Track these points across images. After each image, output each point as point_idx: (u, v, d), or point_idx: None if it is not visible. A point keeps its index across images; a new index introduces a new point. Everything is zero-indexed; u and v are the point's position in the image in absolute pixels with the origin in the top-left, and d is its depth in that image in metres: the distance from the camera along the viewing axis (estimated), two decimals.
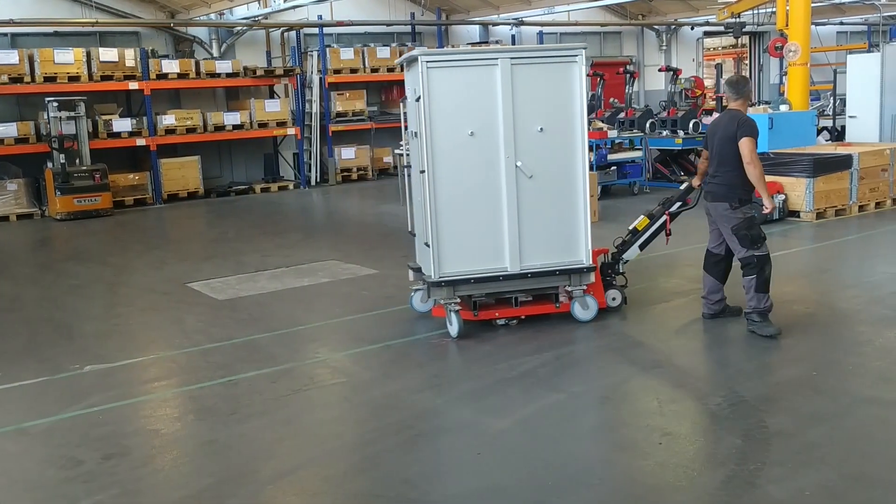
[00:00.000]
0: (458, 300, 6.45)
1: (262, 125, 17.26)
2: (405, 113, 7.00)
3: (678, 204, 7.06)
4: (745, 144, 6.14)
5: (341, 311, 7.67)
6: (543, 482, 4.16)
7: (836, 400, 5.04)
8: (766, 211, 6.22)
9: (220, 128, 16.78)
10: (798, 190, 11.03)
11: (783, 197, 11.03)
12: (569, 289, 6.62)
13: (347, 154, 18.66)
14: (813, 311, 7.00)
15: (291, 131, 17.74)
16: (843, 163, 11.31)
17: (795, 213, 11.11)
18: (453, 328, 6.45)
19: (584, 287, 6.63)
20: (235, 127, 16.93)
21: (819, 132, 15.64)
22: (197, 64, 16.63)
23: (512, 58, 6.34)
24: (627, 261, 7.19)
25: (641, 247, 7.20)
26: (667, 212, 7.06)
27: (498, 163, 6.38)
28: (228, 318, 7.58)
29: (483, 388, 5.51)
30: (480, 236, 6.44)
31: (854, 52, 18.61)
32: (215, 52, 18.12)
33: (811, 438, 4.51)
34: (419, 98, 6.26)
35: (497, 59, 6.33)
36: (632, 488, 4.11)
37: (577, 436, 4.70)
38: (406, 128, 6.97)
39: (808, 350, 6.00)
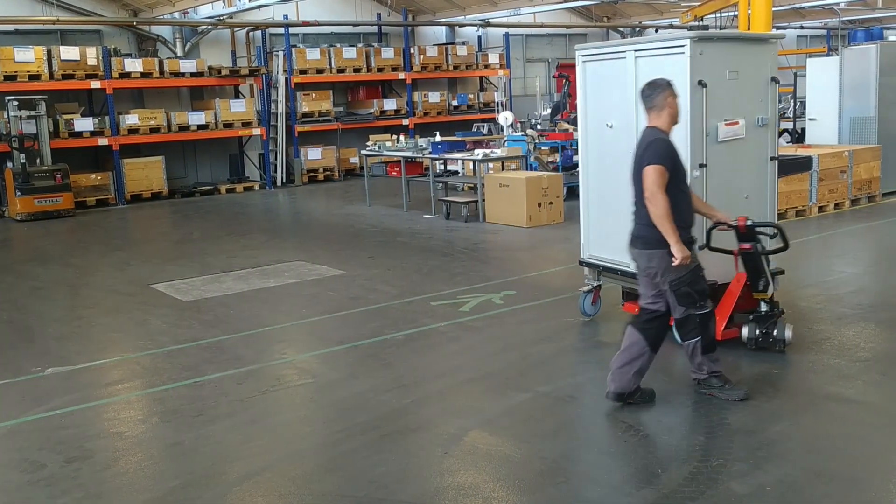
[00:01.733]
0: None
1: (228, 125, 17.14)
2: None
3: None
4: (646, 174, 4.77)
5: (308, 311, 7.64)
6: (510, 481, 4.19)
7: (796, 397, 5.13)
8: (675, 263, 4.79)
9: (184, 128, 16.63)
10: None
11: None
12: None
13: (314, 154, 18.60)
14: None
15: (257, 132, 17.64)
16: (804, 164, 11.50)
17: None
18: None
19: None
20: (200, 127, 16.78)
21: (780, 134, 15.88)
22: (161, 63, 16.46)
23: (636, 50, 6.20)
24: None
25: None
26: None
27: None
28: (193, 319, 7.52)
29: (449, 387, 5.53)
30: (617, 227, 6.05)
31: (814, 55, 18.92)
32: (179, 52, 17.95)
33: (772, 435, 4.59)
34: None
35: (624, 52, 6.25)
36: (598, 484, 4.15)
37: (542, 434, 4.74)
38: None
39: None
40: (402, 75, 19.76)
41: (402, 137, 15.05)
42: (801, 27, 27.66)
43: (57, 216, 14.43)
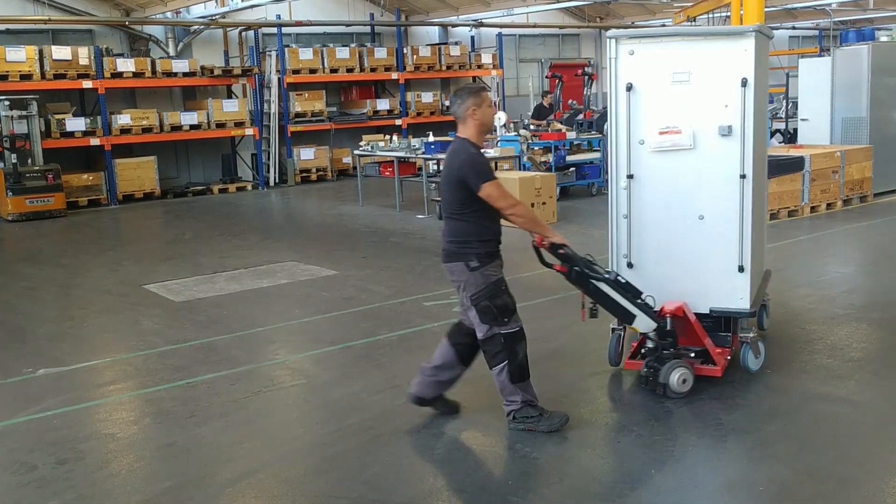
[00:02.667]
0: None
1: (220, 125, 17.09)
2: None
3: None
4: (489, 192, 4.57)
5: (300, 312, 7.63)
6: (503, 482, 4.18)
7: (788, 397, 5.14)
8: (553, 244, 4.85)
9: (176, 128, 16.57)
10: None
11: None
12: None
13: (306, 155, 18.56)
14: None
15: (249, 132, 17.59)
16: (796, 165, 11.54)
17: None
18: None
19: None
20: (192, 127, 16.73)
21: (772, 135, 15.94)
22: (153, 63, 16.41)
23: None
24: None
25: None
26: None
27: None
28: (186, 320, 7.49)
29: None
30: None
31: (806, 56, 18.98)
32: (172, 51, 17.90)
33: (765, 435, 4.59)
34: None
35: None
36: (591, 485, 4.15)
37: (535, 435, 4.73)
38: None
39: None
40: (395, 75, 19.74)
41: (395, 137, 15.02)
42: (794, 28, 27.75)
43: (48, 216, 14.36)
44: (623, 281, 5.10)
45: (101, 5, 17.30)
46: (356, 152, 15.23)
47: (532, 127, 15.30)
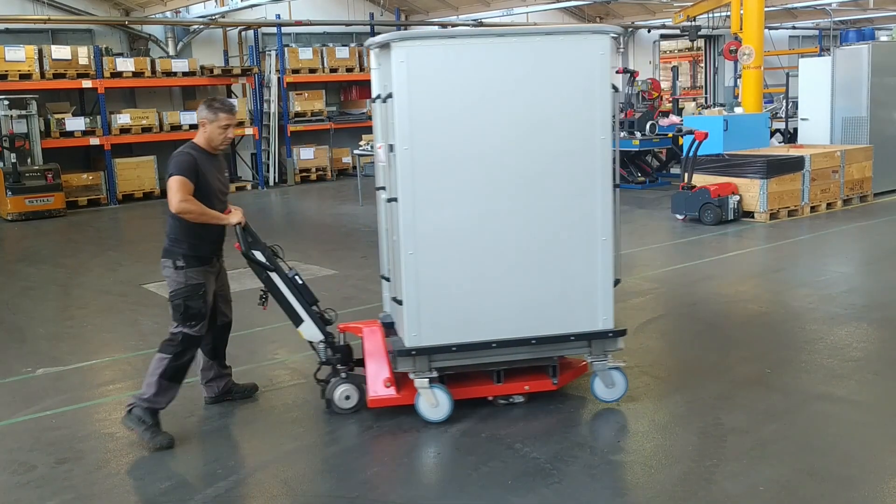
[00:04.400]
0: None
1: None
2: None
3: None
4: (170, 185, 4.71)
5: None
6: (503, 482, 4.18)
7: (788, 397, 5.13)
8: (233, 221, 4.93)
9: (176, 127, 16.57)
10: (752, 191, 11.22)
11: (738, 198, 11.22)
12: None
13: (306, 154, 18.55)
14: (766, 310, 7.12)
15: (249, 131, 17.59)
16: (796, 164, 11.54)
17: (750, 214, 11.30)
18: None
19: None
20: (192, 126, 16.68)
21: (772, 134, 15.94)
22: (152, 62, 16.40)
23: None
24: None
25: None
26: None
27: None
28: None
29: None
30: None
31: (806, 55, 18.98)
32: (171, 51, 17.89)
33: (765, 435, 4.59)
34: None
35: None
36: (592, 485, 4.14)
37: (535, 435, 4.72)
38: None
39: (762, 348, 6.11)
40: None
41: None
42: (794, 27, 27.75)
43: (48, 216, 14.35)
44: (300, 282, 5.06)
45: (100, 5, 17.29)
46: (356, 152, 15.23)
47: None
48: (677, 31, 20.32)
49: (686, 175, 11.49)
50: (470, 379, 5.06)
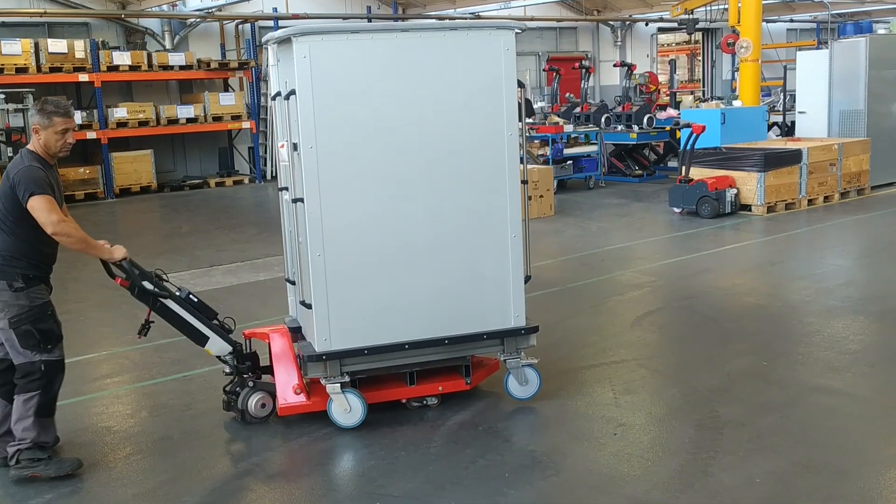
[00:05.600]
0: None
1: (217, 119, 17.04)
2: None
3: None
4: (33, 205, 4.22)
5: None
6: (500, 474, 4.18)
7: (785, 389, 5.14)
8: (115, 258, 4.74)
9: (173, 121, 16.54)
10: (749, 184, 11.22)
11: (735, 191, 11.22)
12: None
13: None
14: (764, 303, 7.13)
15: (246, 125, 17.56)
16: (793, 157, 11.54)
17: (747, 207, 11.31)
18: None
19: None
20: (189, 120, 16.69)
21: (770, 127, 15.94)
22: (149, 56, 16.35)
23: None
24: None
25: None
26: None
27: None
28: None
29: None
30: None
31: (803, 48, 18.97)
32: (168, 45, 17.84)
33: (761, 427, 4.60)
34: None
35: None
36: (588, 478, 4.15)
37: (532, 427, 4.73)
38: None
39: (759, 341, 6.12)
40: None
41: None
42: (791, 20, 27.73)
43: None
44: (195, 300, 4.86)
45: None
46: None
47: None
48: (675, 25, 20.32)
49: (683, 168, 11.48)
50: (383, 382, 4.97)
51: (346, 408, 4.71)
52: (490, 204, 4.79)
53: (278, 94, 4.84)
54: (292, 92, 4.53)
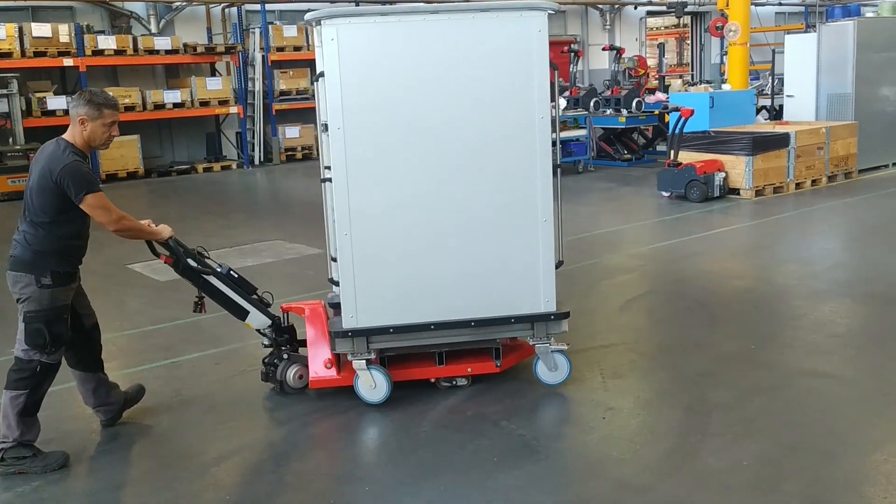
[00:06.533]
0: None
1: (204, 104, 16.93)
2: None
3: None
4: (93, 205, 4.31)
5: (286, 290, 7.58)
6: (489, 458, 4.19)
7: (773, 372, 5.16)
8: (165, 236, 4.75)
9: (160, 106, 16.42)
10: (738, 168, 11.23)
11: (724, 175, 11.24)
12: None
13: (292, 133, 18.43)
14: (752, 287, 7.16)
15: (234, 110, 17.45)
16: (781, 141, 11.56)
17: (735, 191, 11.33)
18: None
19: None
20: (176, 105, 16.58)
21: (758, 111, 15.97)
22: (135, 40, 16.21)
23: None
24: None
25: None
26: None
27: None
28: (171, 299, 7.44)
29: None
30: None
31: (792, 32, 18.97)
32: (153, 29, 17.68)
33: (749, 411, 4.62)
34: None
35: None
36: (578, 462, 4.17)
37: (521, 412, 4.74)
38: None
39: (747, 324, 6.14)
40: None
41: None
42: (780, 4, 27.70)
43: None
44: (236, 276, 4.99)
45: None
46: None
47: None
48: (664, 8, 20.27)
49: (672, 152, 11.49)
50: (412, 361, 5.01)
51: (372, 384, 4.79)
52: (520, 187, 4.76)
53: (321, 74, 4.80)
54: (321, 74, 4.58)
